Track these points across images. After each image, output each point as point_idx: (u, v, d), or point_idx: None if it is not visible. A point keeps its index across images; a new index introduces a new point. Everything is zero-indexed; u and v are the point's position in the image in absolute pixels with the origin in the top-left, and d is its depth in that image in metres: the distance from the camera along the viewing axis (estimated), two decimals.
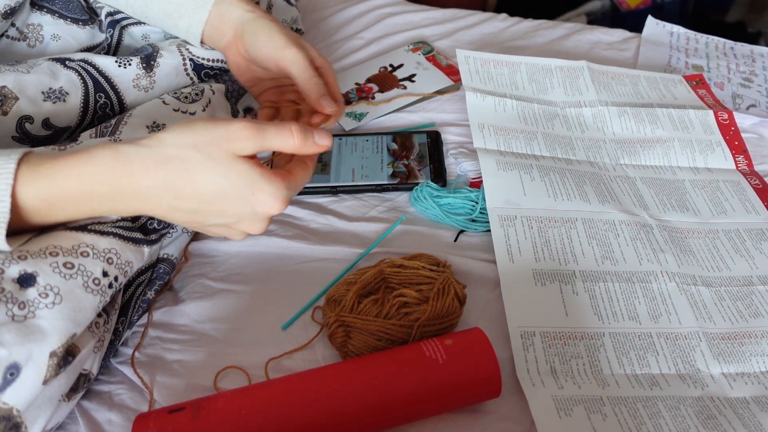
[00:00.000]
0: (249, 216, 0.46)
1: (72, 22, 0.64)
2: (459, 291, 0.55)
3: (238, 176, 0.44)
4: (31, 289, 0.41)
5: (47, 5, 0.64)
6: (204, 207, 0.45)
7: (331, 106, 0.55)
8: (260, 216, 0.46)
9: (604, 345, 0.56)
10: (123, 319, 0.53)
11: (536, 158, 0.72)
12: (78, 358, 0.44)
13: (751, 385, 0.54)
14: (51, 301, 0.42)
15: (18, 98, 0.53)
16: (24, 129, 0.54)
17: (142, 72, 0.61)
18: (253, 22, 0.58)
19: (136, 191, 0.43)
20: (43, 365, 0.41)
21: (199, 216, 0.46)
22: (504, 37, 0.98)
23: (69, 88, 0.57)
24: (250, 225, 0.47)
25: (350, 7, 1.02)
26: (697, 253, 0.65)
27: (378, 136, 0.76)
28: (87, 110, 0.58)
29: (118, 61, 0.61)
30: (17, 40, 0.63)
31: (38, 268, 0.42)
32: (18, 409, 0.40)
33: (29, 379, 0.40)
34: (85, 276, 0.44)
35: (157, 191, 0.43)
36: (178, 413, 0.44)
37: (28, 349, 0.40)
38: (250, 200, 0.44)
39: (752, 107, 0.87)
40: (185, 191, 0.44)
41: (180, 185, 0.43)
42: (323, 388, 0.47)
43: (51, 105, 0.55)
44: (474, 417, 0.50)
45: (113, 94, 0.60)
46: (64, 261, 0.44)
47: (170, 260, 0.59)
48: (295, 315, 0.58)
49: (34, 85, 0.55)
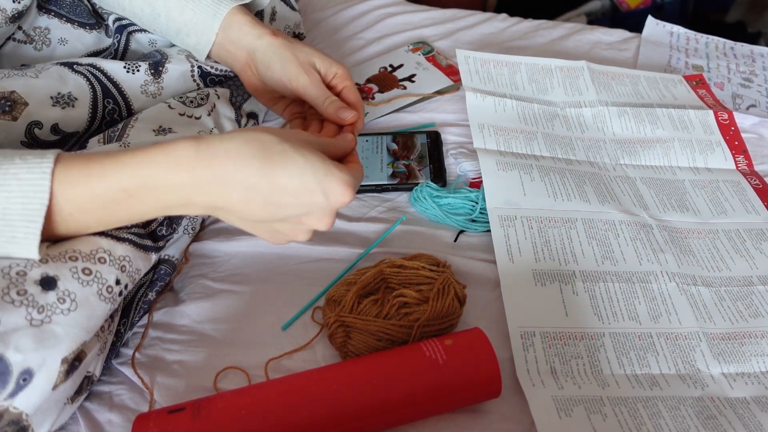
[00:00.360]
0: (321, 206, 0.45)
1: (79, 26, 0.65)
2: (459, 291, 0.55)
3: (313, 156, 0.44)
4: (51, 293, 0.41)
5: (55, 9, 0.64)
6: (279, 195, 0.44)
7: (348, 113, 0.58)
8: (332, 205, 0.46)
9: (604, 345, 0.56)
10: (125, 321, 0.53)
11: (536, 158, 0.72)
12: (84, 362, 0.44)
13: (751, 385, 0.54)
14: (67, 307, 0.42)
15: (27, 104, 0.53)
16: (33, 134, 0.53)
17: (150, 78, 0.62)
18: (264, 53, 0.60)
19: (216, 176, 0.43)
20: (55, 371, 0.41)
21: (274, 207, 0.45)
22: (504, 38, 0.98)
23: (77, 94, 0.57)
24: (320, 218, 0.46)
25: (350, 8, 1.02)
26: (697, 253, 0.65)
27: (378, 136, 0.76)
28: (95, 116, 0.58)
29: (126, 67, 0.61)
30: (24, 43, 0.63)
31: (59, 272, 0.42)
32: (27, 413, 0.40)
33: (40, 384, 0.40)
34: (100, 283, 0.44)
35: (237, 174, 0.43)
36: (178, 413, 0.44)
37: (42, 355, 0.40)
38: (323, 184, 0.44)
39: (752, 107, 0.87)
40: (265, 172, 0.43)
41: (259, 165, 0.43)
42: (323, 388, 0.47)
43: (60, 110, 0.55)
44: (474, 417, 0.50)
45: (121, 99, 0.60)
46: (83, 267, 0.44)
47: (171, 261, 0.59)
48: (295, 315, 0.58)
49: (43, 90, 0.55)
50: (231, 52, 0.62)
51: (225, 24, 0.61)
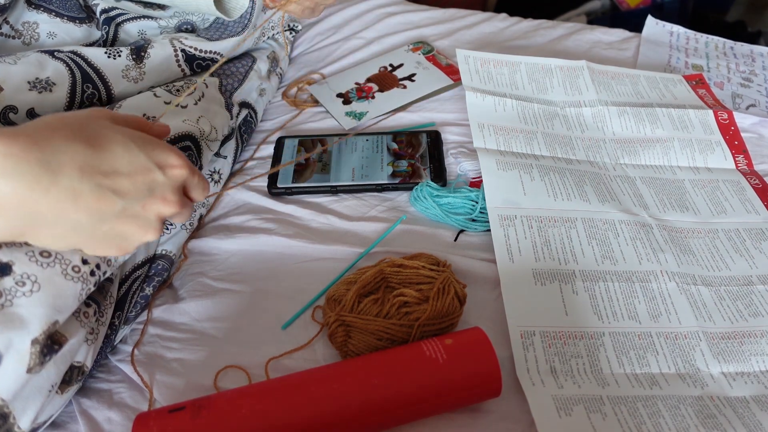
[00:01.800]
0: (161, 183, 0.40)
1: (68, 21, 0.64)
2: (459, 291, 0.55)
3: (133, 133, 0.40)
4: (7, 278, 0.41)
5: (44, 4, 0.64)
6: (113, 179, 0.38)
7: None
8: (172, 180, 0.41)
9: (604, 344, 0.56)
10: (119, 314, 0.52)
11: (536, 158, 0.72)
12: (66, 348, 0.44)
13: (751, 384, 0.54)
14: (29, 289, 0.41)
15: (2, 89, 0.53)
16: (8, 119, 0.53)
17: (131, 63, 0.61)
18: None
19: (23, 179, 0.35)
20: (26, 353, 0.40)
21: (109, 199, 0.38)
22: (504, 37, 0.98)
23: (56, 78, 0.56)
24: (164, 198, 0.41)
25: (350, 7, 1.02)
26: (697, 253, 0.65)
27: (378, 135, 0.76)
28: (74, 101, 0.58)
29: (107, 52, 0.60)
30: (12, 38, 0.62)
31: (13, 257, 0.41)
32: (3, 398, 0.40)
33: (11, 367, 0.40)
34: (63, 264, 0.43)
35: (64, 157, 0.36)
36: (178, 412, 0.44)
37: (7, 337, 0.39)
38: (155, 158, 0.40)
39: (752, 107, 0.87)
40: (93, 156, 0.37)
41: (84, 148, 0.37)
42: (323, 387, 0.47)
43: (36, 95, 0.55)
44: (474, 417, 0.50)
45: (101, 84, 0.59)
46: (40, 250, 0.42)
47: (168, 257, 0.58)
48: (295, 314, 0.58)
49: (19, 75, 0.54)
50: None
51: None
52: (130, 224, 0.40)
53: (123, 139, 0.39)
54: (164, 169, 0.40)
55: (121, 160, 0.38)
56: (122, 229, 0.40)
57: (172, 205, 0.41)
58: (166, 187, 0.41)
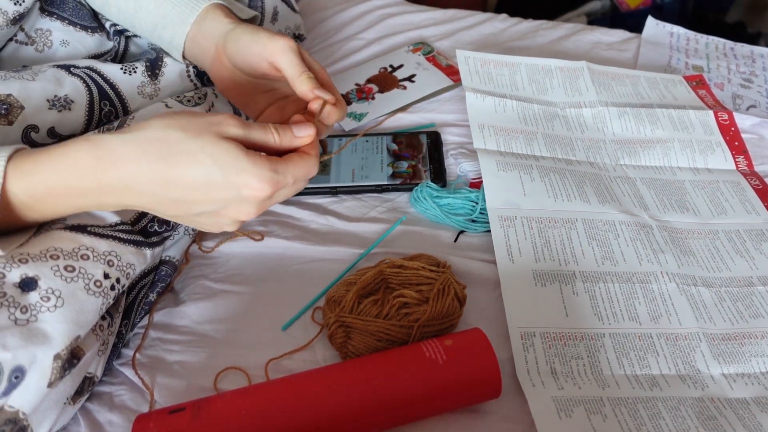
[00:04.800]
0: (235, 200, 0.44)
1: (81, 29, 0.64)
2: (459, 291, 0.55)
3: (222, 154, 0.42)
4: (32, 293, 0.42)
5: (57, 12, 0.64)
6: (189, 194, 0.43)
7: (326, 94, 0.51)
8: (247, 199, 0.44)
9: (605, 345, 0.56)
10: (126, 322, 0.53)
11: (536, 159, 0.72)
12: (83, 360, 0.44)
13: (752, 385, 0.54)
14: (53, 304, 0.42)
15: (24, 107, 0.53)
16: (30, 138, 0.53)
17: (147, 80, 0.61)
18: (233, 30, 0.56)
19: (120, 181, 0.42)
20: (48, 368, 0.41)
21: (186, 206, 0.44)
22: (504, 38, 0.98)
23: (74, 96, 0.57)
24: (238, 209, 0.45)
25: (350, 8, 1.02)
26: (697, 254, 0.65)
27: (378, 136, 0.76)
28: (92, 118, 0.58)
29: (123, 68, 0.60)
30: (25, 44, 0.62)
31: (39, 271, 0.42)
32: (24, 412, 0.40)
33: (34, 382, 0.40)
34: (86, 279, 0.45)
35: (140, 179, 0.42)
36: (178, 414, 0.44)
37: (31, 352, 0.40)
38: (234, 181, 0.42)
39: (752, 108, 0.87)
40: (169, 176, 0.42)
41: (163, 169, 0.41)
42: (323, 388, 0.47)
43: (56, 113, 0.55)
44: (474, 417, 0.50)
45: (118, 101, 0.60)
46: (65, 264, 0.44)
47: (172, 262, 0.59)
48: (295, 315, 0.58)
49: (39, 93, 0.54)
50: (202, 46, 0.59)
51: (200, 17, 0.58)
52: (208, 221, 0.46)
53: (204, 158, 0.42)
54: (241, 189, 0.43)
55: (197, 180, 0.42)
56: (201, 221, 0.46)
57: (248, 215, 0.45)
58: (242, 203, 0.44)
